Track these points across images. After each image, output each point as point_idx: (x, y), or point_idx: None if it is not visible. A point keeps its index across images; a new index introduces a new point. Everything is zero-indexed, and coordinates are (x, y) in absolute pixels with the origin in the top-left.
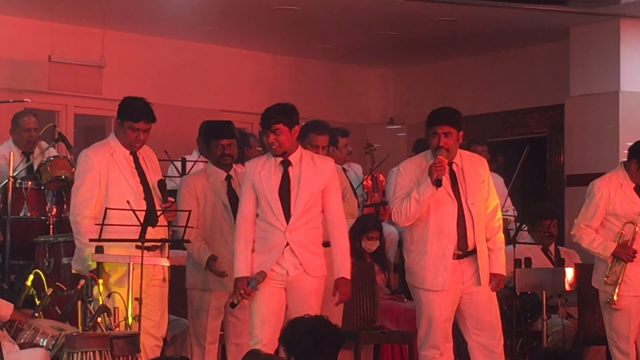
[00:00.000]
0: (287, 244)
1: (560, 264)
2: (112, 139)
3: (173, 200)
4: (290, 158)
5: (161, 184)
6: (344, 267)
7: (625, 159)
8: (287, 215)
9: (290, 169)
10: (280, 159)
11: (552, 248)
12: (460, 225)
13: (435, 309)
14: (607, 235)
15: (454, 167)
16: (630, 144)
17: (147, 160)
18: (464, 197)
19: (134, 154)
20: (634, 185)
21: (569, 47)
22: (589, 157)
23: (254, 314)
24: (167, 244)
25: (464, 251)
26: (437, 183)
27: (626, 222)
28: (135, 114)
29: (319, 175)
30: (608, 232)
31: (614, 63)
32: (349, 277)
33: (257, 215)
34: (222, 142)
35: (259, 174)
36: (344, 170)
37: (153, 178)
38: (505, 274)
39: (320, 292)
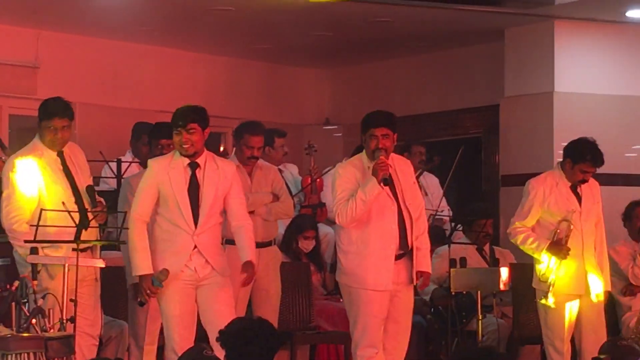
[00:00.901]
0: (195, 247)
1: (495, 263)
2: (37, 142)
3: (104, 203)
4: (198, 160)
5: (89, 189)
6: (251, 252)
7: (561, 159)
8: (196, 218)
9: (197, 171)
10: (188, 160)
11: (487, 248)
12: (400, 226)
13: (376, 308)
14: (543, 234)
15: (390, 169)
16: (565, 144)
17: (75, 160)
18: (402, 198)
19: (60, 155)
20: (569, 184)
21: (503, 47)
22: (523, 158)
23: (167, 315)
24: (97, 245)
25: (405, 251)
26: (386, 182)
27: (561, 220)
28: (47, 111)
29: (222, 179)
30: (544, 230)
31: (549, 64)
32: (255, 262)
33: (158, 214)
34: (161, 141)
35: (168, 174)
36: (280, 171)
37: (82, 181)
38: (431, 272)
39: (231, 291)
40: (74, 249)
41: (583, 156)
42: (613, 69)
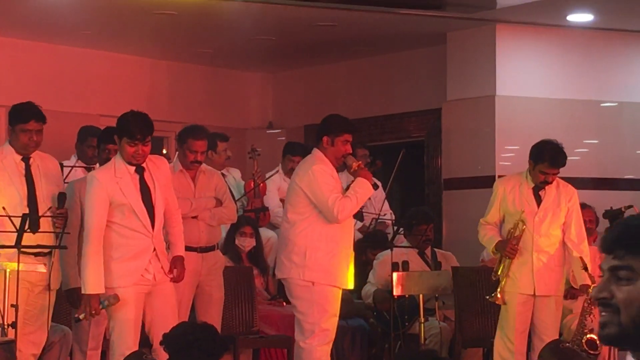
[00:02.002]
0: (154, 249)
1: (437, 267)
2: (6, 146)
3: (65, 210)
4: (143, 164)
5: (60, 196)
6: (180, 248)
7: (503, 163)
8: (152, 221)
9: (145, 175)
10: (133, 167)
11: (428, 251)
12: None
13: (336, 306)
14: (505, 232)
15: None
16: (509, 147)
17: (43, 169)
18: None
19: (25, 160)
20: (532, 185)
21: (446, 51)
22: (466, 161)
23: (121, 319)
24: (56, 251)
25: None
26: (375, 187)
27: (518, 220)
28: (23, 115)
29: (163, 176)
30: (505, 229)
31: (490, 67)
32: (184, 256)
33: (112, 223)
34: (109, 146)
35: (117, 184)
36: (223, 175)
37: (49, 188)
38: None
39: (175, 295)
40: (23, 253)
41: (542, 157)
42: (554, 72)
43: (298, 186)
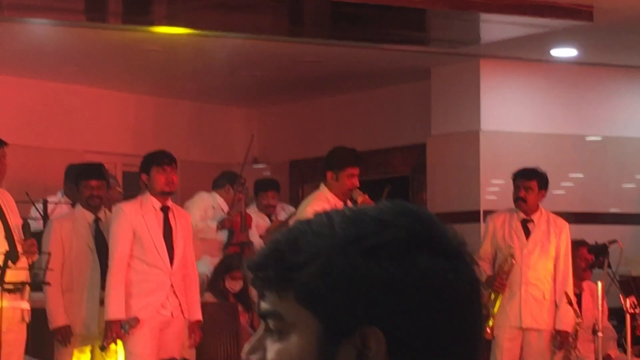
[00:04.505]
0: (172, 285)
1: None
2: None
3: (34, 241)
4: (169, 204)
5: (25, 226)
6: (198, 311)
7: (489, 197)
8: (171, 258)
9: (169, 215)
10: (159, 204)
11: None
12: None
13: None
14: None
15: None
16: (494, 182)
17: (5, 201)
18: None
19: None
20: (521, 219)
21: (430, 86)
22: (450, 196)
23: (134, 354)
24: (27, 286)
25: None
26: None
27: (507, 255)
28: None
29: (186, 228)
30: (497, 264)
31: (474, 102)
32: (201, 321)
33: (132, 257)
34: (91, 182)
35: (142, 217)
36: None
37: (16, 220)
38: None
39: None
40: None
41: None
42: (538, 107)
43: None
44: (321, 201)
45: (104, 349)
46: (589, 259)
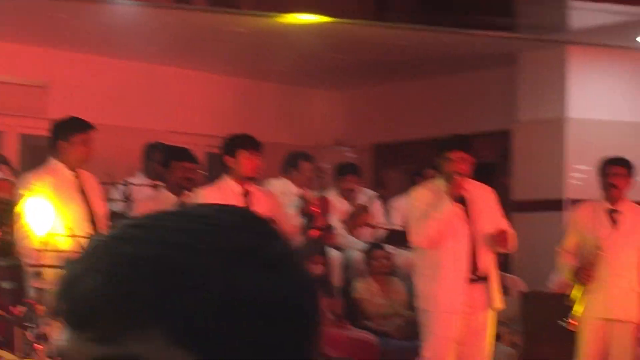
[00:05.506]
0: None
1: (504, 291)
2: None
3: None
4: (251, 188)
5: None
6: None
7: (572, 185)
8: None
9: (252, 198)
10: (241, 189)
11: None
12: (472, 249)
13: (447, 331)
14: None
15: (466, 193)
16: (578, 169)
17: (90, 186)
18: (476, 222)
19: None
20: (607, 209)
21: (516, 72)
22: (534, 183)
23: None
24: None
25: (476, 274)
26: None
27: (594, 246)
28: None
29: (271, 204)
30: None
31: (560, 89)
32: None
33: None
34: (184, 164)
35: (221, 200)
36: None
37: (98, 205)
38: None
39: None
40: None
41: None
42: (625, 95)
43: None
44: (424, 187)
45: None
46: None
